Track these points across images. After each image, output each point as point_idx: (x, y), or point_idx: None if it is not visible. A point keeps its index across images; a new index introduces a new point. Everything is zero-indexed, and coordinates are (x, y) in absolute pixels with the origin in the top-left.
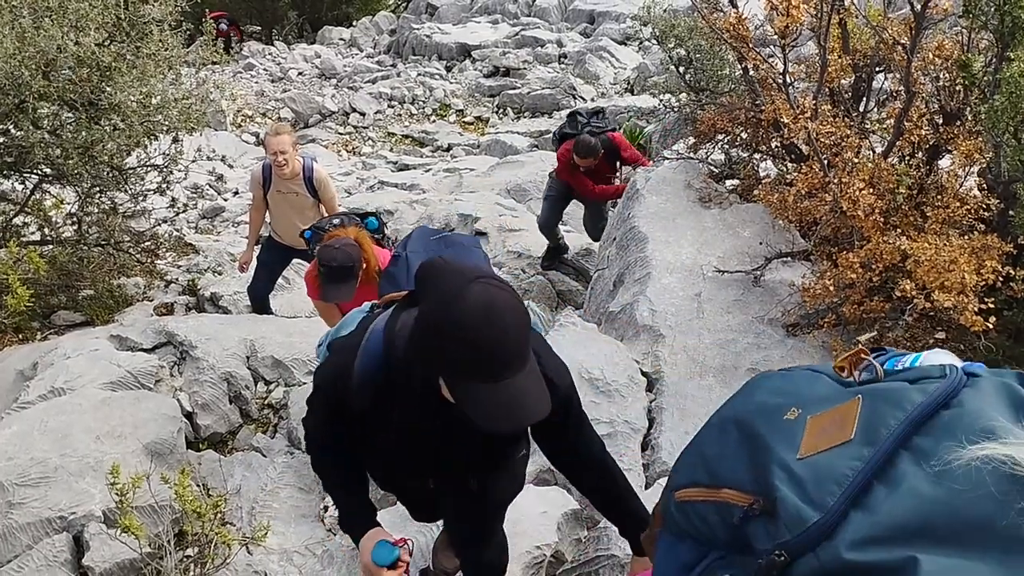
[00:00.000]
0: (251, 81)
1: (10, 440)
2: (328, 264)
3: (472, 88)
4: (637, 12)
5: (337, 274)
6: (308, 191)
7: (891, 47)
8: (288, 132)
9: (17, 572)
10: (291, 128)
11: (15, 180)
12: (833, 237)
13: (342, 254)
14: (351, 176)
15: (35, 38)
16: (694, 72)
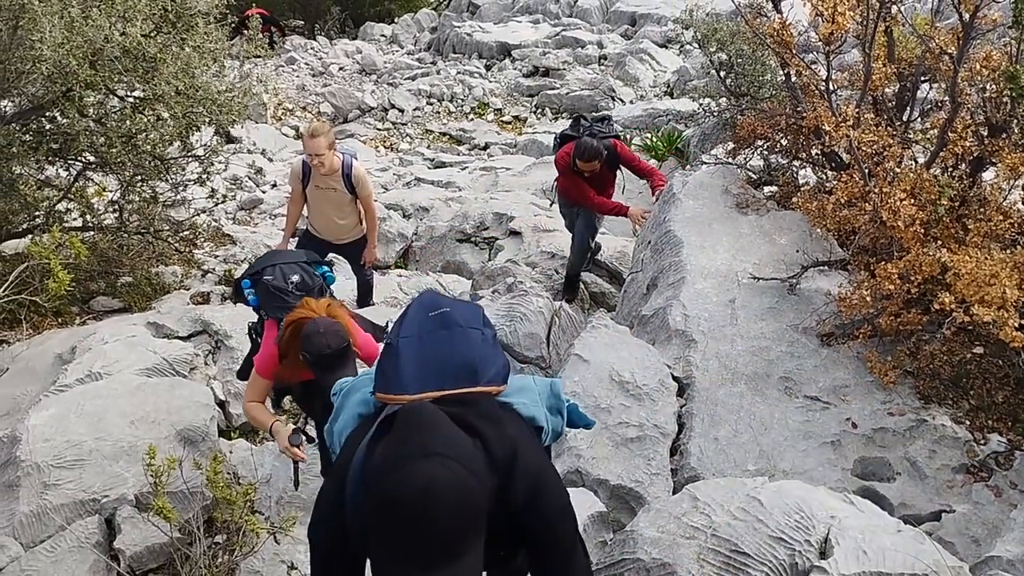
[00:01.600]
0: (292, 75)
1: (47, 422)
2: (321, 354)
3: (511, 87)
4: (679, 15)
5: (333, 361)
6: (347, 187)
7: (937, 56)
8: (324, 133)
9: (50, 553)
10: (328, 126)
11: (60, 167)
12: (872, 247)
13: (334, 338)
14: (388, 172)
15: (83, 28)
16: (735, 77)
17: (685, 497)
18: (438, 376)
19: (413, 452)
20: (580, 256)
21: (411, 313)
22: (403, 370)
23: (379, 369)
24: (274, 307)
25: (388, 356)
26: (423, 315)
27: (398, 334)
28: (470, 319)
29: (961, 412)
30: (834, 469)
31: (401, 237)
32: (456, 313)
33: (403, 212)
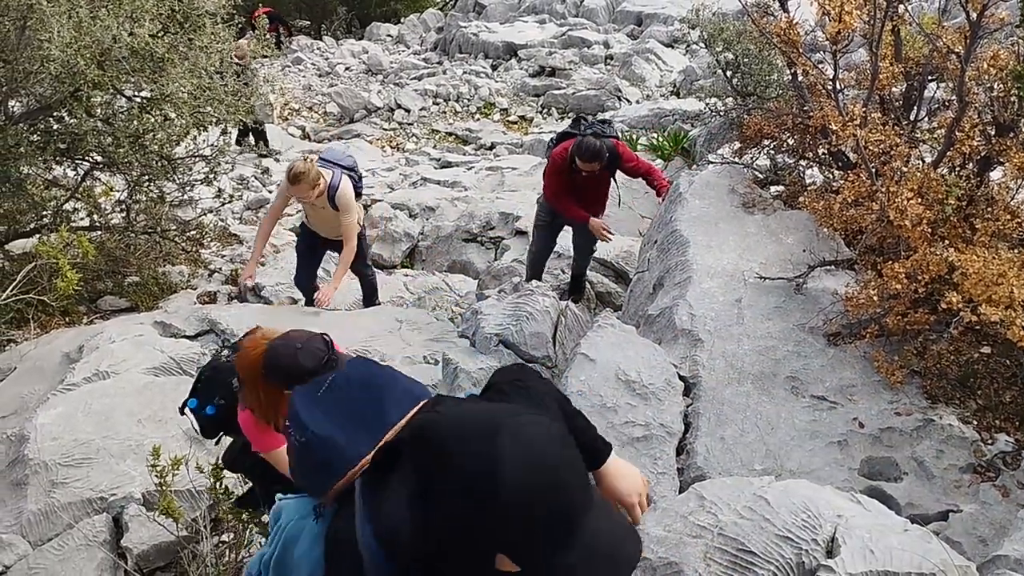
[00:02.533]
0: (299, 75)
1: (55, 421)
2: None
3: (517, 87)
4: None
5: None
6: (332, 207)
7: (945, 56)
8: (304, 177)
9: (58, 551)
10: (305, 165)
11: (67, 166)
12: (879, 247)
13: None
14: (394, 172)
15: (91, 28)
16: (741, 76)
17: (692, 496)
18: (377, 422)
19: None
20: (586, 257)
21: (300, 410)
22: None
23: (307, 471)
24: (222, 392)
25: (308, 450)
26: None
27: (301, 431)
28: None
29: (968, 412)
30: (841, 469)
31: (407, 237)
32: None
33: (409, 212)
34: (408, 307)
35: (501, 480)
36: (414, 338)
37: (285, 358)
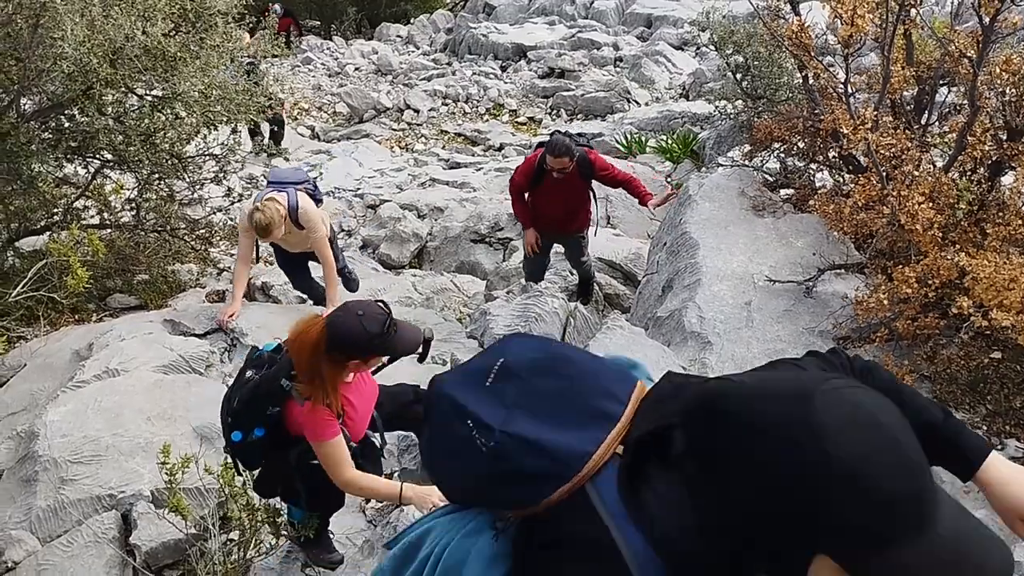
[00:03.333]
0: (308, 75)
1: (65, 418)
2: (387, 328)
3: (526, 88)
4: (696, 17)
5: (394, 328)
6: (298, 228)
7: (957, 60)
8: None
9: (67, 547)
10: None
11: (78, 164)
12: (889, 251)
13: (375, 306)
14: (403, 172)
15: (104, 26)
16: (751, 79)
17: None
18: (592, 412)
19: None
20: (580, 266)
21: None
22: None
23: (503, 480)
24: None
25: (502, 457)
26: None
27: (486, 433)
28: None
29: (978, 417)
30: None
31: (416, 237)
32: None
33: (418, 212)
34: (416, 307)
35: (830, 445)
36: None
37: (350, 327)
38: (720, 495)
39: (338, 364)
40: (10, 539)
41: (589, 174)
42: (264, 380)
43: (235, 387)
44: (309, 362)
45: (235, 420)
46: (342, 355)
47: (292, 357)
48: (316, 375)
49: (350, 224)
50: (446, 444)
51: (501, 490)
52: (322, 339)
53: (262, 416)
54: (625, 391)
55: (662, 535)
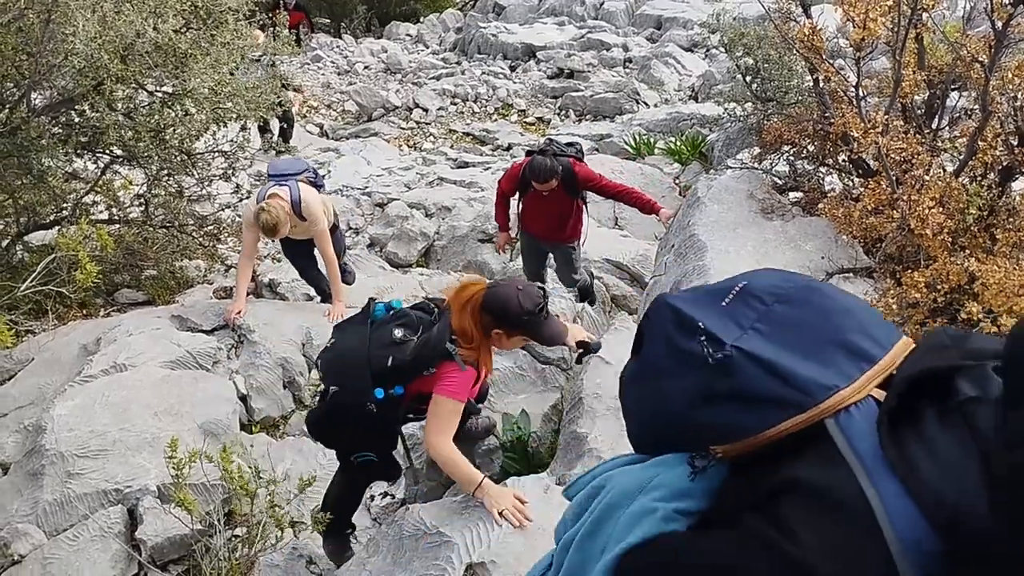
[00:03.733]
0: (318, 73)
1: (72, 412)
2: (539, 306)
3: (535, 89)
4: (706, 19)
5: (547, 310)
6: (301, 219)
7: (968, 65)
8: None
9: (72, 541)
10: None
11: (88, 159)
12: (898, 255)
13: (534, 288)
14: (411, 171)
15: (116, 22)
16: (761, 82)
17: None
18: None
19: None
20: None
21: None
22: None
23: (721, 398)
24: (429, 360)
25: (726, 372)
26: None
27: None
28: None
29: None
30: None
31: (423, 236)
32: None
33: (425, 211)
34: None
35: None
36: None
37: (508, 296)
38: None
39: (487, 328)
40: (16, 532)
41: (574, 187)
42: (432, 340)
43: (376, 345)
44: (468, 319)
45: (383, 377)
46: (492, 320)
47: (453, 312)
48: (472, 334)
49: (357, 222)
50: (659, 362)
51: (718, 414)
52: (479, 299)
53: (414, 375)
54: (888, 336)
55: (934, 499)
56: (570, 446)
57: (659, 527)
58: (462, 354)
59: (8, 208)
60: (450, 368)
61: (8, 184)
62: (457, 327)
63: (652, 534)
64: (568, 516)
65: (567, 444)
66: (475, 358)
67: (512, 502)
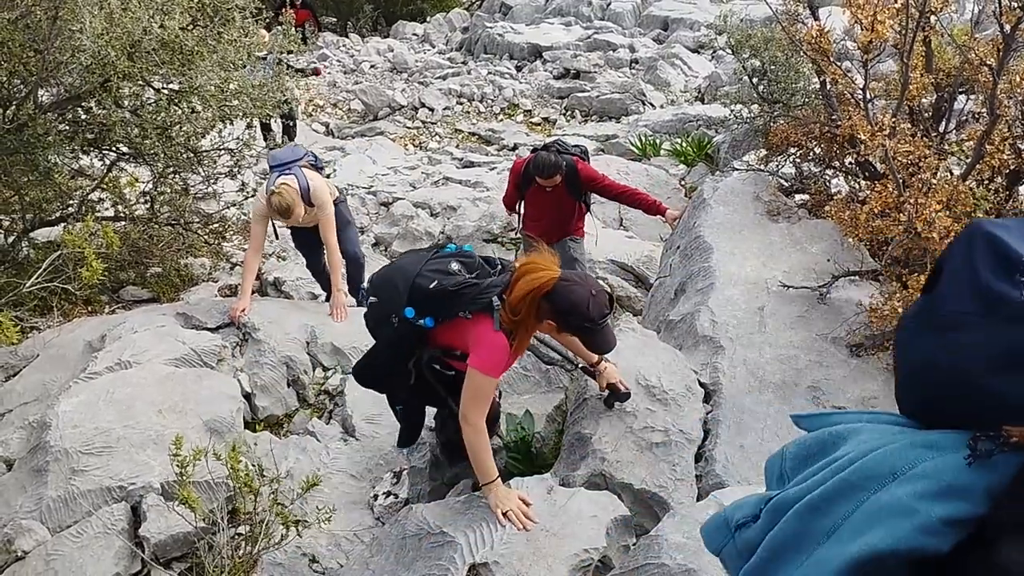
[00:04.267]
0: (324, 71)
1: (76, 408)
2: (603, 315)
3: (541, 89)
4: (712, 20)
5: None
6: (309, 205)
7: (976, 68)
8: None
9: (76, 538)
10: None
11: (94, 156)
12: (904, 258)
13: (604, 295)
14: (416, 171)
15: (123, 20)
16: (767, 83)
17: (712, 504)
18: None
19: None
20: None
21: None
22: None
23: None
24: (469, 301)
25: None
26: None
27: None
28: None
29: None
30: None
31: (428, 235)
32: None
33: (431, 211)
34: None
35: None
36: None
37: (579, 297)
38: None
39: (541, 315)
40: (20, 528)
41: (576, 186)
42: (482, 286)
43: (429, 268)
44: (524, 298)
45: (420, 301)
46: (551, 312)
47: (515, 284)
48: (521, 313)
49: (363, 221)
50: (958, 305)
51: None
52: (547, 287)
53: (450, 312)
54: None
55: None
56: (574, 447)
57: (915, 539)
58: (502, 318)
59: (14, 204)
60: (485, 325)
61: (14, 181)
62: (512, 299)
63: (903, 545)
64: (788, 454)
65: (571, 445)
66: (512, 330)
67: (517, 504)
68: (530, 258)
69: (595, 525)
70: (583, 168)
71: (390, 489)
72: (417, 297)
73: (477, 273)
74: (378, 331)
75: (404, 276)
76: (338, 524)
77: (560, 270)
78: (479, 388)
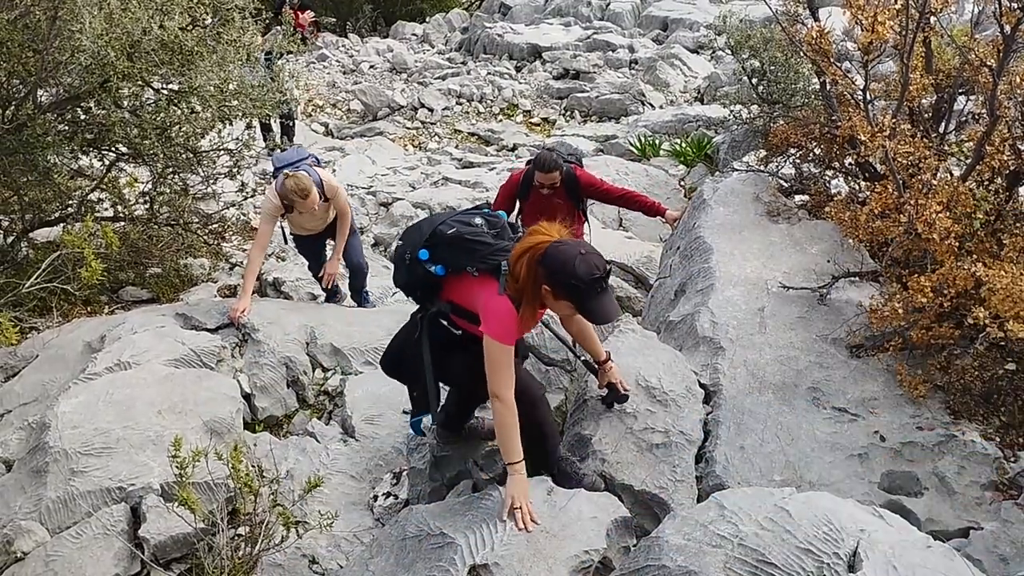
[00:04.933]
0: (323, 72)
1: (76, 409)
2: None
3: (541, 89)
4: (712, 21)
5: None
6: (323, 200)
7: (976, 69)
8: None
9: (75, 539)
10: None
11: (93, 157)
12: (904, 259)
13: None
14: (416, 171)
15: (122, 20)
16: (767, 84)
17: (712, 505)
18: None
19: None
20: None
21: None
22: None
23: None
24: (479, 258)
25: None
26: None
27: None
28: None
29: (992, 428)
30: (861, 482)
31: None
32: None
33: (430, 211)
34: None
35: None
36: None
37: (566, 256)
38: None
39: (539, 280)
40: (20, 529)
41: (576, 190)
42: (493, 246)
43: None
44: (520, 259)
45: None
46: (545, 274)
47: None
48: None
49: (362, 221)
50: None
51: None
52: (542, 248)
53: (459, 263)
54: None
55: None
56: (574, 448)
57: None
58: (508, 284)
59: (13, 205)
60: (491, 288)
61: (14, 181)
62: (511, 260)
63: None
64: None
65: (571, 446)
66: (516, 297)
67: (527, 500)
68: (537, 225)
69: (595, 526)
70: (582, 174)
71: (390, 490)
72: (434, 241)
73: (496, 232)
74: (396, 270)
75: (431, 222)
76: (338, 525)
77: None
78: (495, 358)
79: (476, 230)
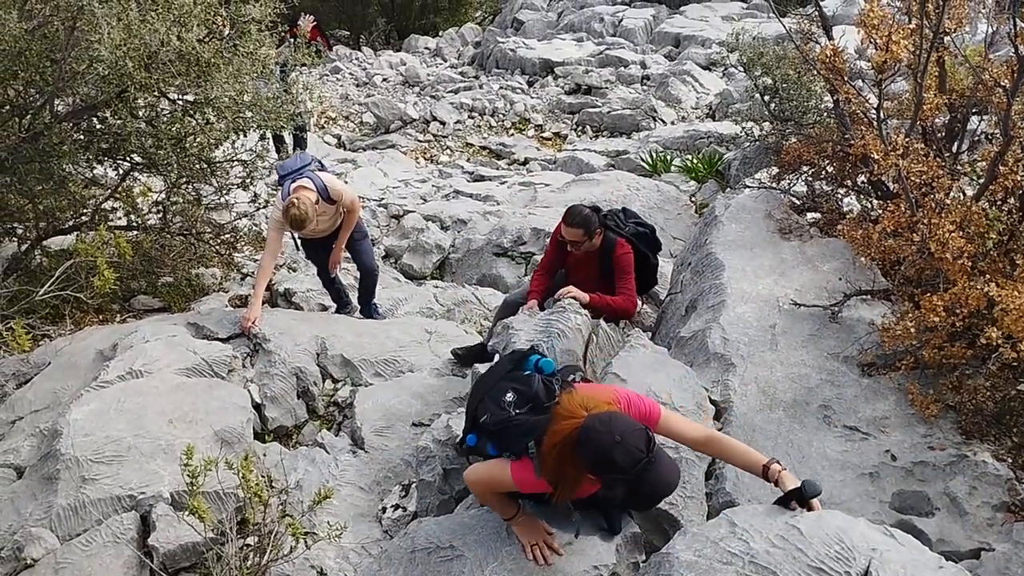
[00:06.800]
0: (336, 84)
1: (87, 417)
2: (637, 462)
3: (552, 104)
4: (724, 38)
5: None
6: (329, 204)
7: (990, 89)
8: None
9: (85, 546)
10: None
11: (108, 166)
12: (917, 278)
13: (637, 438)
14: (427, 184)
15: (140, 31)
16: (779, 101)
17: (723, 522)
18: None
19: None
20: None
21: None
22: None
23: None
24: (516, 443)
25: None
26: None
27: None
28: None
29: (1003, 449)
30: (871, 501)
31: (438, 249)
32: None
33: (441, 224)
34: (437, 319)
35: None
36: (443, 350)
37: (602, 448)
38: None
39: (579, 469)
40: (30, 536)
41: (609, 264)
42: (521, 427)
43: (492, 394)
44: (556, 459)
45: (479, 431)
46: (587, 466)
47: (545, 447)
48: (560, 474)
49: (373, 233)
50: None
51: None
52: (573, 441)
53: (499, 449)
54: None
55: None
56: None
57: None
58: (543, 471)
59: (28, 213)
60: (527, 469)
61: (29, 189)
62: (542, 455)
63: None
64: None
65: None
66: (555, 482)
67: (542, 536)
68: (561, 401)
69: (605, 542)
70: (622, 254)
71: (399, 502)
72: (477, 425)
73: (528, 408)
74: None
75: (474, 398)
76: (346, 537)
77: (586, 414)
78: (503, 482)
79: (503, 416)
